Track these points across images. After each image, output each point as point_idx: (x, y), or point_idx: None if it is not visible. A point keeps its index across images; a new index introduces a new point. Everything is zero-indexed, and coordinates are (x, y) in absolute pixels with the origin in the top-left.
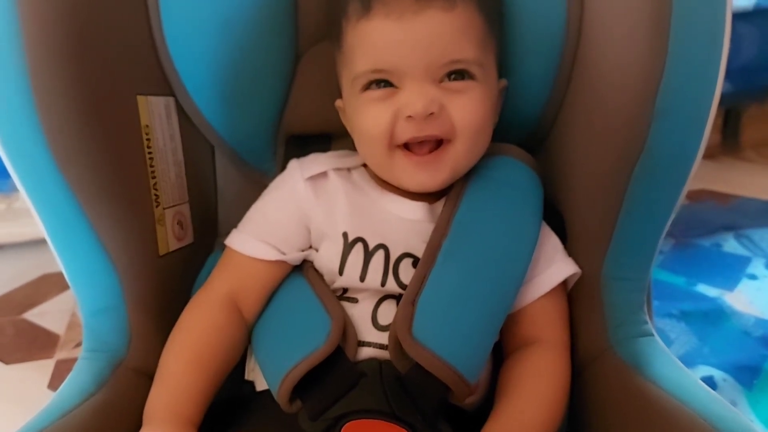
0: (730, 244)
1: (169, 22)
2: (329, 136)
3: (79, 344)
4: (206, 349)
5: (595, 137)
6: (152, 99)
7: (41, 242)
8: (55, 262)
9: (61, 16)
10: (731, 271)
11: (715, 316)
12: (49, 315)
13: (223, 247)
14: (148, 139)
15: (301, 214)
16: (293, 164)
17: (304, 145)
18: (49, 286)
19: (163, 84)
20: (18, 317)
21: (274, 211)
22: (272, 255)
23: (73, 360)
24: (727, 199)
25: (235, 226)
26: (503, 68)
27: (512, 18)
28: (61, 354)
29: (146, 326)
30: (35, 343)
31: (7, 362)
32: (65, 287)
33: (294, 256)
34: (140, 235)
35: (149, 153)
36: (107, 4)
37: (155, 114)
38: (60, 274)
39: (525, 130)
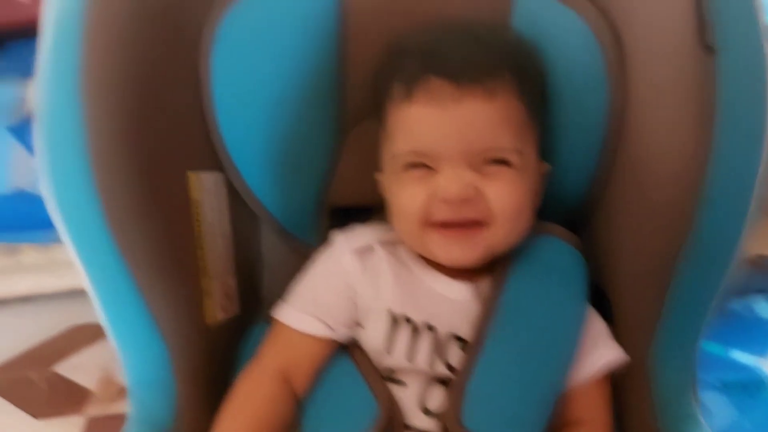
0: (762, 308)
1: (221, 102)
2: (371, 209)
3: (111, 401)
4: (260, 424)
5: (640, 221)
6: (202, 175)
7: (73, 293)
8: (87, 313)
9: (122, 93)
10: (765, 336)
11: (753, 387)
12: (79, 368)
13: (268, 317)
14: (197, 213)
15: (348, 288)
16: (339, 237)
17: (346, 217)
18: (79, 337)
19: (213, 159)
20: (49, 370)
21: (321, 285)
22: (321, 331)
23: (104, 417)
24: (759, 261)
25: (279, 296)
26: (546, 151)
27: (554, 103)
28: (91, 410)
29: (194, 399)
30: (66, 398)
31: (36, 417)
32: (96, 339)
33: (342, 333)
34: (189, 307)
35: (198, 226)
36: (164, 83)
37: (205, 189)
38: (91, 326)
39: (568, 210)
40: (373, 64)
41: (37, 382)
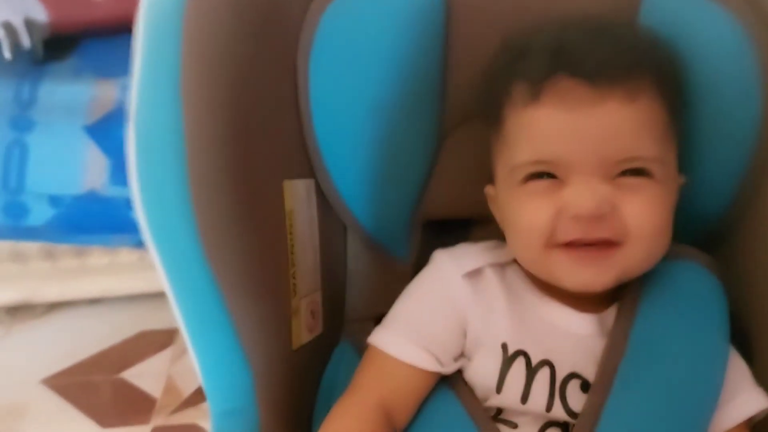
0: None
1: (318, 105)
2: (468, 222)
3: (174, 410)
4: None
5: None
6: (297, 182)
7: (140, 297)
8: (153, 318)
9: (222, 96)
10: None
11: None
12: (146, 375)
13: (351, 337)
14: (290, 225)
15: (459, 316)
16: (444, 258)
17: (441, 230)
18: (146, 344)
19: (306, 166)
20: (115, 376)
21: (429, 312)
22: (430, 364)
23: (169, 428)
24: None
25: (361, 312)
26: (682, 162)
27: (694, 108)
28: (157, 420)
29: (277, 428)
30: (132, 407)
31: (103, 425)
32: (163, 346)
33: (451, 367)
34: (276, 330)
35: (291, 240)
36: (262, 85)
37: (298, 198)
38: (158, 332)
39: (698, 230)
40: (478, 65)
41: (103, 388)
